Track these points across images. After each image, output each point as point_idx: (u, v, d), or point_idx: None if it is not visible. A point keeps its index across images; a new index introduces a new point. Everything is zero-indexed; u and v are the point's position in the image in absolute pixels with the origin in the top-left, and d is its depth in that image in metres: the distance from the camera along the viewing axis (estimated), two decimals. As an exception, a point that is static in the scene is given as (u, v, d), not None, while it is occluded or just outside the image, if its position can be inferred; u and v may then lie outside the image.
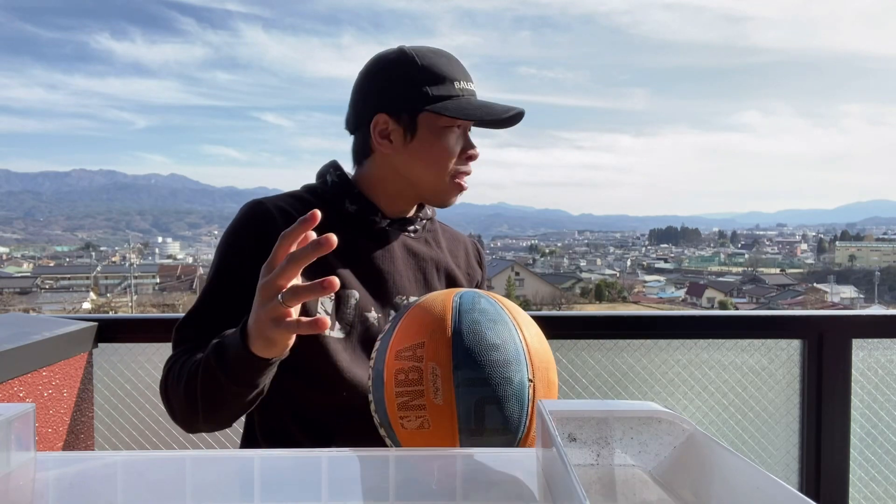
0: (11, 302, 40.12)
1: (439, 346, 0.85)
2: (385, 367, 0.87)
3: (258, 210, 1.12)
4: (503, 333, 0.87)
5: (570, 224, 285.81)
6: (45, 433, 1.41)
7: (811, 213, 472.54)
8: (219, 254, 1.13)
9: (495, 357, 0.85)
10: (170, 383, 1.05)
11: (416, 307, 0.92)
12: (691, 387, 1.72)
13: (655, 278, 76.97)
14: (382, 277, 1.16)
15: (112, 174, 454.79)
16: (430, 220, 1.30)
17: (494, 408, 0.82)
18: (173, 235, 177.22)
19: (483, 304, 0.91)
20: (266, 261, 0.87)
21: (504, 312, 0.91)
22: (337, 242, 0.79)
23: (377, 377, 0.88)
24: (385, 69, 1.16)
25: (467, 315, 0.88)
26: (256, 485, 0.54)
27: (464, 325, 0.87)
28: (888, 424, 1.72)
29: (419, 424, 0.83)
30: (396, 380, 0.86)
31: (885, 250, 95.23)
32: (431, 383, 0.84)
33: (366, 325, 1.13)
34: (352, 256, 1.15)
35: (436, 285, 1.23)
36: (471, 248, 1.37)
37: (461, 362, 0.84)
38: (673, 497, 0.51)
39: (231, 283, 1.09)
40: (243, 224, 1.12)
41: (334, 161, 1.23)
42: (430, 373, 0.84)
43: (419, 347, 0.86)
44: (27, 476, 0.53)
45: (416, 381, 0.84)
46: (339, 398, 1.10)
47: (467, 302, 0.90)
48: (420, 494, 0.54)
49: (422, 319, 0.89)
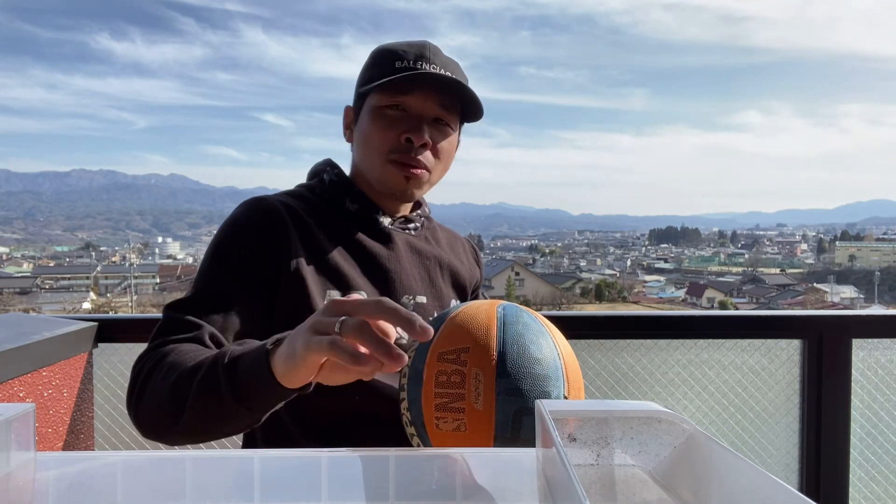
0: (11, 302, 40.11)
1: (485, 353, 0.85)
2: (426, 367, 0.87)
3: (263, 204, 1.08)
4: (545, 349, 0.89)
5: (570, 224, 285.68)
6: (45, 433, 1.41)
7: (811, 213, 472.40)
8: (217, 242, 1.05)
9: (537, 371, 0.86)
10: (153, 375, 0.89)
11: (460, 312, 0.93)
12: (691, 387, 1.72)
13: (655, 278, 76.97)
14: (388, 277, 1.14)
15: (112, 174, 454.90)
16: (428, 218, 1.29)
17: (531, 419, 0.83)
18: (173, 235, 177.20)
19: (526, 319, 0.92)
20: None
21: (545, 329, 0.93)
22: (432, 333, 0.68)
23: (415, 376, 0.88)
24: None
25: (512, 327, 0.89)
26: (256, 485, 0.54)
27: (509, 335, 0.88)
28: (888, 424, 1.72)
29: (455, 427, 0.84)
30: (437, 381, 0.86)
31: (885, 250, 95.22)
32: (473, 388, 0.84)
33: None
34: (357, 256, 1.13)
35: (440, 283, 1.22)
36: (468, 247, 1.37)
37: (504, 371, 0.84)
38: (673, 497, 0.51)
39: (229, 269, 1.01)
40: (247, 215, 1.06)
41: (329, 159, 1.21)
42: (474, 378, 0.85)
43: (464, 352, 0.86)
44: (27, 476, 0.53)
45: (459, 384, 0.85)
46: (345, 402, 1.06)
47: (511, 314, 0.92)
48: (420, 494, 0.54)
49: (468, 326, 0.89)
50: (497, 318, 0.90)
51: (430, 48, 1.13)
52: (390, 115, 1.10)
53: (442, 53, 1.14)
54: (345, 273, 1.09)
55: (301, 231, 1.08)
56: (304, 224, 1.09)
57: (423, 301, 1.17)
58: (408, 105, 1.10)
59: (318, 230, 1.10)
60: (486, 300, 1.00)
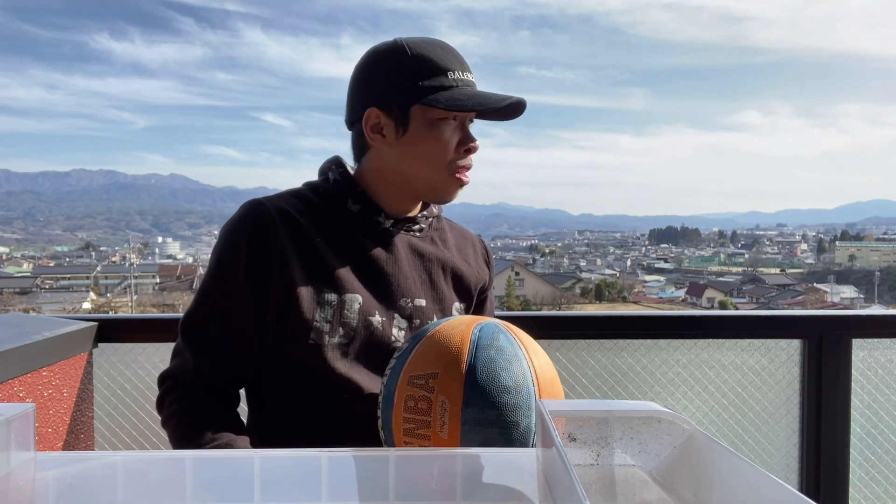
0: (11, 302, 40.11)
1: (452, 381, 0.85)
2: (396, 390, 0.87)
3: (257, 211, 1.08)
4: (517, 376, 0.87)
5: (570, 224, 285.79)
6: (45, 433, 1.41)
7: (811, 213, 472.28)
8: (215, 254, 1.11)
9: (506, 400, 0.85)
10: (166, 419, 1.09)
11: (435, 332, 0.92)
12: (691, 387, 1.72)
13: (655, 278, 76.97)
14: (387, 280, 1.13)
15: (112, 174, 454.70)
16: (437, 217, 1.26)
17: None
18: (173, 235, 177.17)
19: (501, 342, 0.90)
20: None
21: (521, 352, 0.91)
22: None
23: (388, 397, 0.88)
24: (377, 62, 1.13)
25: (484, 352, 0.88)
26: (256, 485, 0.54)
27: (480, 361, 0.87)
28: (888, 424, 1.72)
29: None
30: (406, 405, 0.85)
31: (885, 250, 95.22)
32: (439, 416, 0.84)
33: (369, 329, 1.10)
34: (355, 258, 1.12)
35: (442, 286, 1.20)
36: (479, 247, 1.33)
37: (472, 400, 0.84)
38: (673, 497, 0.51)
39: (227, 286, 1.08)
40: (241, 225, 1.08)
41: (337, 157, 1.19)
42: (440, 406, 0.84)
43: (432, 378, 0.86)
44: (27, 476, 0.53)
45: (425, 410, 0.84)
46: (340, 405, 1.07)
47: (486, 337, 0.90)
48: (420, 494, 0.54)
49: (438, 349, 0.89)
50: (470, 342, 0.89)
51: (456, 51, 1.14)
52: (450, 126, 1.11)
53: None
54: (341, 277, 1.09)
55: (296, 237, 1.08)
56: (300, 229, 1.09)
57: (423, 304, 1.16)
58: (460, 115, 1.11)
59: (315, 234, 1.10)
60: (465, 318, 0.99)
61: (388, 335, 1.12)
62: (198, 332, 1.10)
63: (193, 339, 1.10)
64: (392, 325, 1.13)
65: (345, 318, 1.08)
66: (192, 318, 1.11)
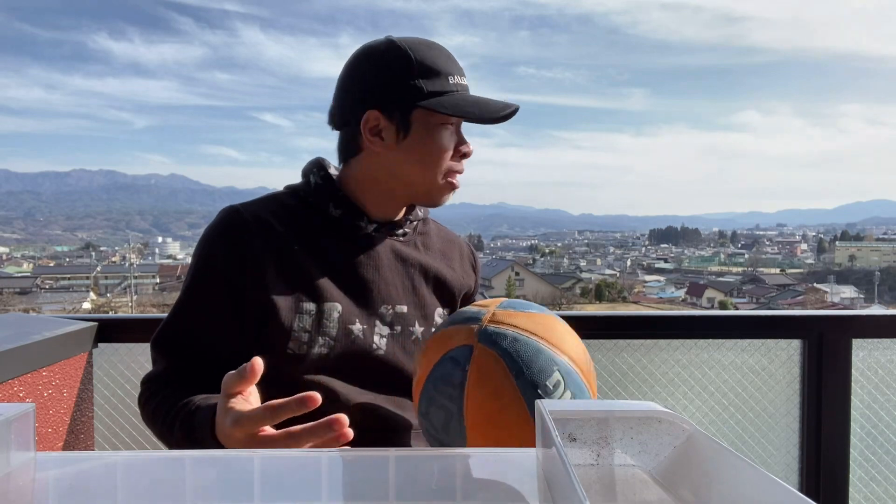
0: (11, 302, 40.11)
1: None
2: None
3: (233, 219, 1.07)
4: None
5: (570, 224, 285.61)
6: (45, 433, 1.41)
7: (811, 213, 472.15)
8: (192, 263, 1.10)
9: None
10: (147, 415, 1.09)
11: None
12: (691, 387, 1.72)
13: (655, 278, 76.98)
14: (367, 287, 1.11)
15: (112, 174, 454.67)
16: (423, 220, 1.24)
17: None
18: (173, 235, 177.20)
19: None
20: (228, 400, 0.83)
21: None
22: (320, 401, 0.77)
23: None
24: (376, 62, 1.10)
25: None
26: (256, 485, 0.54)
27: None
28: (888, 424, 1.72)
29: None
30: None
31: (885, 250, 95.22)
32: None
33: (350, 337, 1.08)
34: (334, 265, 1.10)
35: (423, 292, 1.18)
36: (465, 251, 1.31)
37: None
38: (673, 497, 0.51)
39: (202, 296, 1.07)
40: (216, 234, 1.07)
41: (318, 159, 1.17)
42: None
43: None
44: (27, 476, 0.53)
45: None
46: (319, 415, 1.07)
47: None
48: (420, 494, 0.54)
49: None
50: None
51: (450, 53, 1.13)
52: (448, 131, 1.11)
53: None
54: (320, 286, 1.07)
55: (273, 245, 1.06)
56: (278, 237, 1.07)
57: (404, 310, 1.14)
58: (457, 120, 1.12)
59: (293, 241, 1.08)
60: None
61: (370, 343, 1.10)
62: (174, 340, 1.09)
63: (171, 347, 1.09)
64: (373, 332, 1.11)
65: (324, 327, 1.07)
66: (168, 326, 1.10)
